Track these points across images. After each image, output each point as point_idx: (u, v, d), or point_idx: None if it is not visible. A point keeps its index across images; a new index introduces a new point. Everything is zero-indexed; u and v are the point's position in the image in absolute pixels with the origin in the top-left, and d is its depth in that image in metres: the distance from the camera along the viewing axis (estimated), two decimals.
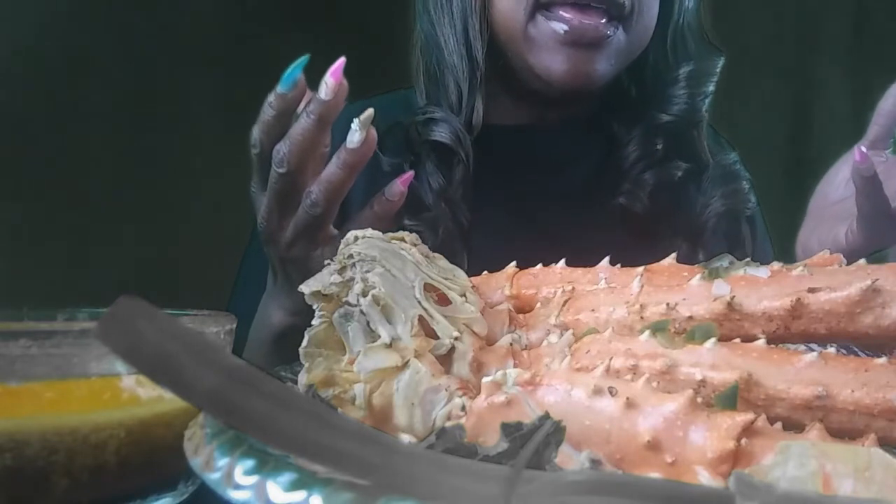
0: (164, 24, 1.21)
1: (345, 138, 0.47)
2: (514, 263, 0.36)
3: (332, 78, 0.46)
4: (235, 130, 0.54)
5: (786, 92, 1.61)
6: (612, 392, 0.24)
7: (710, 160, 0.70)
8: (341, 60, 0.46)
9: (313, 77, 0.47)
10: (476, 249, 0.64)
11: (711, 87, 0.70)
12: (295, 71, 0.46)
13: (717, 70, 0.70)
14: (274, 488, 0.20)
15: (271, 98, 0.47)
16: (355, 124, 0.46)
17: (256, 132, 0.49)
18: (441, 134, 0.65)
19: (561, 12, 0.60)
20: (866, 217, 0.51)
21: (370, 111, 0.47)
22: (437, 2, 0.67)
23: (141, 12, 1.19)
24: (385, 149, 0.67)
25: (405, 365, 0.29)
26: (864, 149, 0.49)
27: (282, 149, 0.47)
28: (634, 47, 0.65)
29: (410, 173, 0.51)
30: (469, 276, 0.35)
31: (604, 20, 0.60)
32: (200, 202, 1.17)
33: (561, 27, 0.60)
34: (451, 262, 0.35)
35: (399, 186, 0.50)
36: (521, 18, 0.62)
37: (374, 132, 0.47)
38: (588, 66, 0.62)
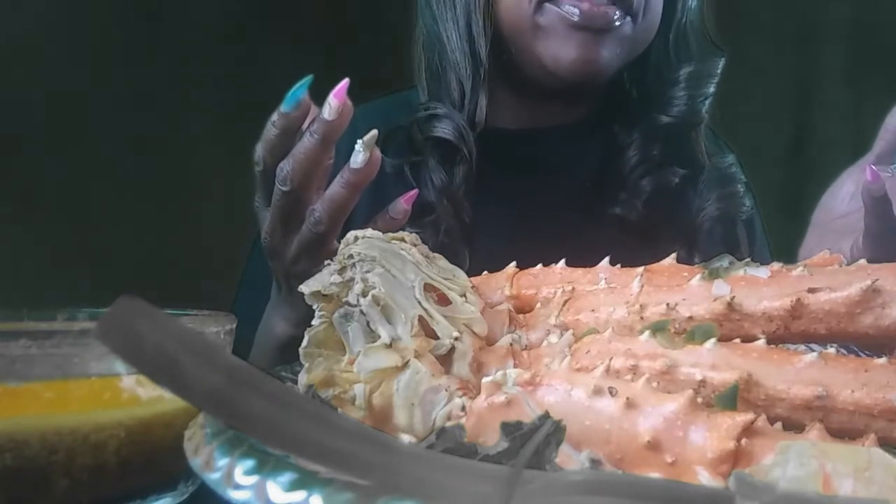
0: (169, 27, 1.21)
1: (347, 147, 0.47)
2: (514, 263, 0.36)
3: (336, 98, 0.45)
4: (238, 131, 0.54)
5: (786, 96, 1.61)
6: (612, 392, 0.24)
7: (706, 162, 0.70)
8: (345, 82, 0.46)
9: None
10: (478, 250, 0.64)
11: (712, 89, 0.69)
12: (298, 91, 0.46)
13: (718, 71, 0.69)
14: (274, 488, 0.20)
15: (274, 117, 0.47)
16: (359, 145, 0.46)
17: (260, 150, 0.48)
18: (444, 130, 0.65)
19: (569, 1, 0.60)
20: (874, 236, 0.50)
21: (374, 132, 0.47)
22: None
23: (144, 17, 1.19)
24: (387, 150, 0.66)
25: (405, 365, 0.29)
26: (874, 167, 0.49)
27: (285, 167, 0.46)
28: (640, 40, 0.65)
29: (414, 192, 0.51)
30: (470, 276, 0.35)
31: (613, 8, 0.61)
32: (201, 202, 1.18)
33: (573, 11, 0.60)
34: (453, 262, 0.35)
35: (403, 205, 0.50)
36: (528, 9, 0.61)
37: (377, 152, 0.47)
38: (597, 52, 0.62)
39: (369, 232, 0.34)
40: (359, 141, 0.46)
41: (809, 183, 0.64)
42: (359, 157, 0.46)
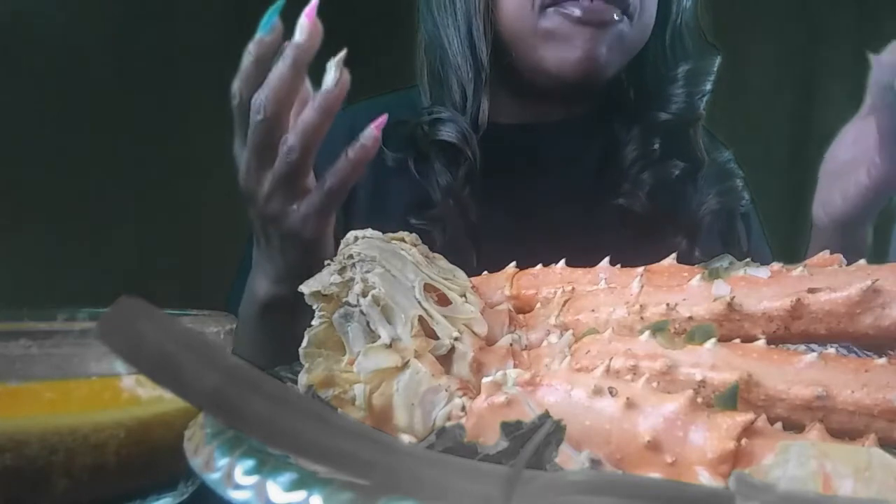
0: (165, 23, 1.21)
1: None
2: (513, 263, 0.36)
3: (307, 18, 0.46)
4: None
5: (786, 92, 1.61)
6: (612, 392, 0.24)
7: (705, 158, 0.71)
8: (314, 1, 0.46)
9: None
10: (486, 248, 0.65)
11: (709, 86, 0.70)
12: (272, 15, 0.47)
13: (715, 69, 0.71)
14: (274, 488, 0.20)
15: (250, 46, 0.48)
16: (330, 64, 0.46)
17: (235, 83, 0.49)
18: (448, 133, 0.66)
19: (570, 2, 0.61)
20: (887, 136, 0.49)
21: (343, 52, 0.47)
22: (441, 3, 0.68)
23: (142, 14, 1.19)
24: (389, 144, 0.67)
25: (405, 365, 0.29)
26: (879, 56, 0.47)
27: (259, 96, 0.47)
28: (636, 41, 0.66)
29: (384, 116, 0.50)
30: (471, 275, 0.35)
31: (611, 7, 0.62)
32: (201, 202, 1.17)
33: (575, 10, 0.61)
34: (460, 261, 0.35)
35: (373, 131, 0.50)
36: (532, 15, 0.63)
37: (347, 74, 0.47)
38: (598, 49, 0.63)
39: (369, 232, 0.34)
40: (330, 60, 0.47)
41: (810, 182, 0.65)
42: (329, 77, 0.47)
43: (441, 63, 0.68)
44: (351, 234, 0.34)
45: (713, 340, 0.27)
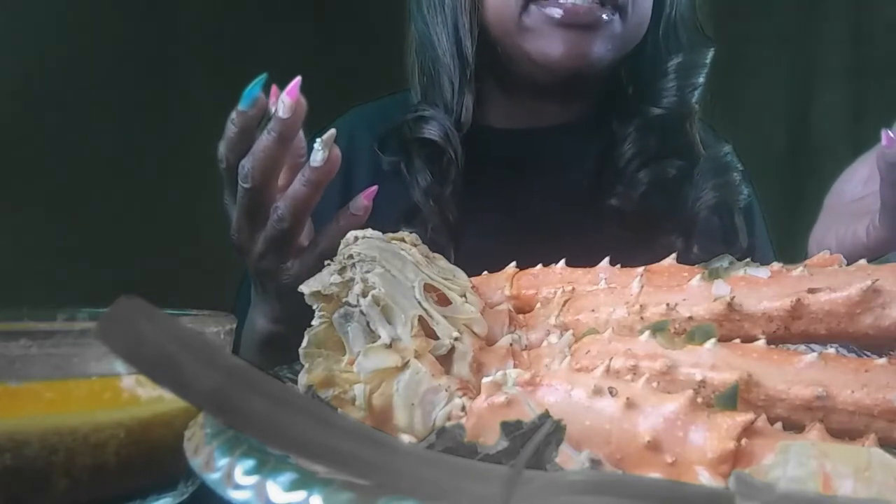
0: (165, 24, 1.21)
1: (344, 149, 0.48)
2: (514, 264, 0.36)
3: (289, 97, 0.46)
4: None
5: (785, 89, 1.61)
6: (612, 392, 0.24)
7: (702, 153, 0.70)
8: (297, 80, 0.46)
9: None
10: (475, 251, 0.64)
11: (702, 79, 0.69)
12: (254, 89, 0.47)
13: (707, 61, 0.70)
14: (274, 488, 0.20)
15: (233, 115, 0.48)
16: (318, 144, 0.47)
17: (222, 148, 0.49)
18: (430, 131, 0.66)
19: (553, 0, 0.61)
20: (891, 209, 0.48)
21: (332, 131, 0.47)
22: (430, 2, 0.68)
23: (141, 12, 1.19)
24: (385, 149, 0.67)
25: (405, 365, 0.29)
26: (892, 134, 0.47)
27: (246, 165, 0.47)
28: (630, 36, 0.65)
29: (374, 188, 0.51)
30: (468, 276, 0.35)
31: (598, 6, 0.61)
32: (201, 202, 1.17)
33: (555, 11, 0.61)
34: None
35: (363, 201, 0.51)
36: (514, 10, 0.62)
37: (337, 151, 0.47)
38: (584, 48, 0.62)
39: (369, 232, 0.34)
40: (318, 139, 0.47)
41: (810, 180, 0.64)
42: (318, 155, 0.47)
43: (432, 62, 0.68)
44: (351, 234, 0.34)
45: (713, 340, 0.27)
